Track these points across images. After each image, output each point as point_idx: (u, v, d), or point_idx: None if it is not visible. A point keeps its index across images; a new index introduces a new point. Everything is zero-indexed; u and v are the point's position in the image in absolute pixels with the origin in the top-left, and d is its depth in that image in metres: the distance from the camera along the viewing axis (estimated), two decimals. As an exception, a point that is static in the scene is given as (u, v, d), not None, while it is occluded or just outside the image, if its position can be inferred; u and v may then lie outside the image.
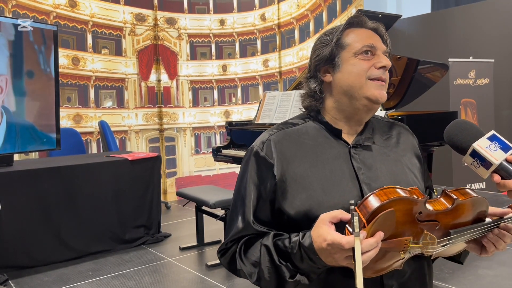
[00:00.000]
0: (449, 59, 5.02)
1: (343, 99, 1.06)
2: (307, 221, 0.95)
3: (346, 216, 0.87)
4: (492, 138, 0.93)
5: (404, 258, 0.93)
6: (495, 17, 5.25)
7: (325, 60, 1.08)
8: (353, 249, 0.81)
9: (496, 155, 0.91)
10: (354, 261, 0.80)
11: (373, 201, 0.85)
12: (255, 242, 1.03)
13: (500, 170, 0.91)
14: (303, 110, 1.18)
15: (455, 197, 0.95)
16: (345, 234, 0.84)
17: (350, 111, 1.07)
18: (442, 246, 0.95)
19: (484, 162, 0.92)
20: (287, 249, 0.95)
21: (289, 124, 1.12)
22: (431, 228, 0.93)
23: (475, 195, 0.97)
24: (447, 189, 0.98)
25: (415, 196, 0.89)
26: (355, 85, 1.04)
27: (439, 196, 0.98)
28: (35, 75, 3.45)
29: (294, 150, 1.05)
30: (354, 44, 1.05)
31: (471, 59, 5.28)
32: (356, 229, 0.80)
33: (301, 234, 0.93)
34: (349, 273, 0.87)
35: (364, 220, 0.84)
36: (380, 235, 0.84)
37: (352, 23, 1.08)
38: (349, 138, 1.09)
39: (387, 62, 1.04)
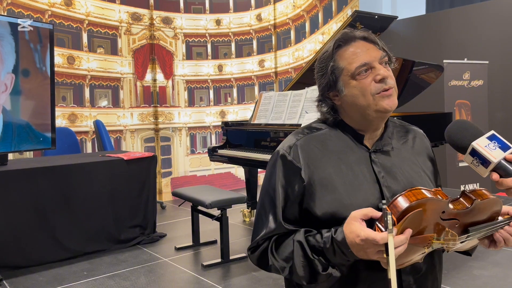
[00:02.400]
0: (444, 61, 5.04)
1: (356, 115, 1.11)
2: (333, 222, 1.02)
3: (376, 214, 0.94)
4: (491, 138, 0.96)
5: (425, 252, 1.01)
6: (490, 19, 5.28)
7: (328, 88, 1.12)
8: (385, 244, 0.88)
9: (495, 154, 0.94)
10: (387, 255, 0.88)
11: (403, 202, 0.92)
12: (285, 240, 1.09)
13: (499, 168, 0.94)
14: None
15: (474, 197, 1.00)
16: (374, 230, 0.93)
17: (366, 123, 1.11)
18: (461, 242, 1.02)
19: (483, 160, 0.95)
20: (319, 244, 1.02)
21: (314, 129, 1.16)
22: (451, 225, 0.99)
23: (491, 196, 1.02)
24: (466, 190, 1.04)
25: (439, 197, 0.95)
26: (362, 104, 1.07)
27: (458, 197, 1.04)
28: (30, 74, 3.43)
29: (319, 154, 1.11)
30: (348, 66, 1.08)
31: (465, 60, 5.31)
32: (390, 227, 0.88)
33: (333, 229, 1.00)
34: (373, 265, 0.98)
35: (394, 219, 0.91)
36: (409, 232, 0.91)
37: (340, 45, 1.10)
38: (369, 143, 1.14)
39: (385, 73, 1.06)
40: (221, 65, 6.07)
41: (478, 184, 5.27)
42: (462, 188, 5.33)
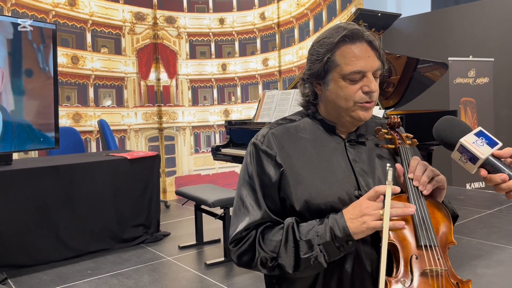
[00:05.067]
0: (449, 58, 5.01)
1: (331, 111, 1.13)
2: (308, 210, 1.02)
3: (381, 189, 0.97)
4: (479, 134, 0.96)
5: None
6: (495, 16, 5.24)
7: (316, 75, 1.11)
8: (383, 202, 0.93)
9: (482, 150, 0.93)
10: (384, 207, 0.93)
11: None
12: (272, 230, 1.06)
13: (487, 164, 0.94)
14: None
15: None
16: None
17: (338, 122, 1.14)
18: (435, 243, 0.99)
19: (471, 157, 0.94)
20: (311, 224, 1.02)
21: (287, 120, 1.18)
22: (417, 265, 0.97)
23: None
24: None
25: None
26: (341, 106, 1.09)
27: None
28: (33, 74, 3.44)
29: (293, 143, 1.11)
30: (344, 66, 1.06)
31: (470, 58, 5.27)
32: (389, 179, 0.93)
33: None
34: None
35: None
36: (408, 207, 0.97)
37: (346, 40, 1.07)
38: (344, 134, 1.16)
39: (374, 88, 1.07)
40: (225, 64, 6.06)
41: (483, 182, 5.22)
42: (467, 187, 5.29)
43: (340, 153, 1.11)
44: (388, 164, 0.96)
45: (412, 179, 1.03)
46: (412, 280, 0.95)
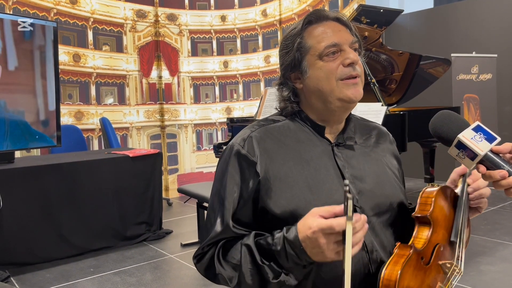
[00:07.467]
0: (452, 54, 4.98)
1: (317, 103, 1.03)
2: (293, 220, 0.91)
3: (341, 209, 0.80)
4: (477, 129, 0.92)
5: None
6: (498, 12, 5.20)
7: (291, 67, 1.03)
8: (343, 233, 0.77)
9: (481, 146, 0.89)
10: (344, 243, 0.77)
11: None
12: (234, 244, 0.97)
13: (485, 160, 0.90)
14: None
15: (426, 214, 0.94)
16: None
17: (327, 113, 1.04)
18: (462, 252, 0.96)
19: (470, 153, 0.90)
20: (270, 246, 0.89)
21: (270, 121, 1.08)
22: (439, 254, 0.92)
23: (434, 192, 0.97)
24: (414, 215, 0.97)
25: (405, 256, 0.88)
26: (326, 89, 0.99)
27: (416, 227, 0.97)
28: (34, 72, 3.43)
29: (276, 147, 1.01)
30: (316, 45, 0.99)
31: (474, 54, 5.24)
32: (349, 214, 0.75)
33: (285, 228, 0.88)
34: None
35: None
36: (364, 218, 0.81)
37: (311, 21, 1.02)
38: (331, 137, 1.06)
39: (355, 58, 0.99)
40: (227, 61, 6.05)
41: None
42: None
43: (328, 158, 1.01)
44: (346, 182, 0.76)
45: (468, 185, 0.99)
46: (429, 263, 0.91)
